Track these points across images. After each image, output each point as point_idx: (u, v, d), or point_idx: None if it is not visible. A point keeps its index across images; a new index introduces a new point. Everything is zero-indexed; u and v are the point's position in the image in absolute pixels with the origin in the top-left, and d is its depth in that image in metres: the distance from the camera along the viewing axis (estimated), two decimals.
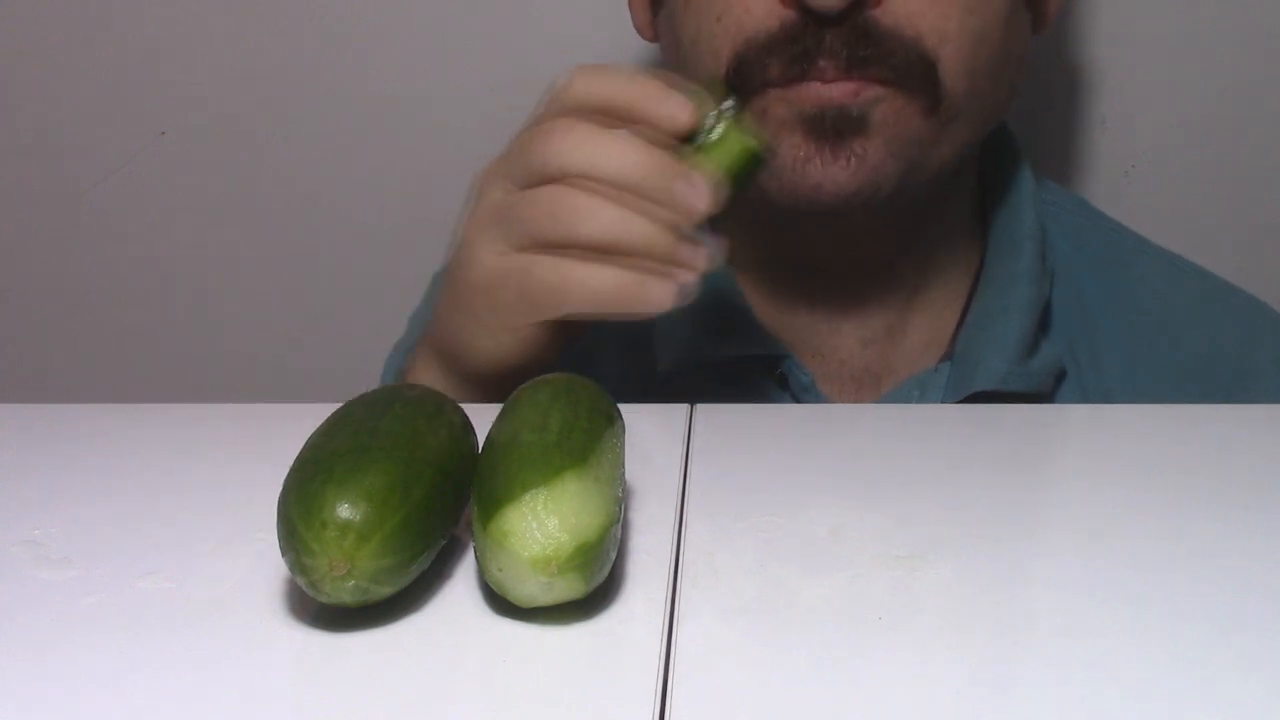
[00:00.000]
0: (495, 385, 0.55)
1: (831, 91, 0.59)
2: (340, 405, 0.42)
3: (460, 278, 0.55)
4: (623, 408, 0.44)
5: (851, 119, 0.59)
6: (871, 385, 0.70)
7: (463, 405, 0.44)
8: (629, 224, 0.50)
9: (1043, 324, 0.68)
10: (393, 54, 0.90)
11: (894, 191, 0.62)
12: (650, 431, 0.52)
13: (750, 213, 0.65)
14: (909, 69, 0.59)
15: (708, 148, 0.52)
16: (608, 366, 0.70)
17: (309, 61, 0.91)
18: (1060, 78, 0.89)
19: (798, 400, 0.68)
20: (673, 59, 0.66)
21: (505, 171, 0.53)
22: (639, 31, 0.71)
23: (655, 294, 0.50)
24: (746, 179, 0.53)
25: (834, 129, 0.60)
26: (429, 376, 0.59)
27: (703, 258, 0.51)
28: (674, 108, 0.51)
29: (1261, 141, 0.90)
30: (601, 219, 0.49)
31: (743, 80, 0.60)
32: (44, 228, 0.96)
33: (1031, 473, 0.50)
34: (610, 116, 0.51)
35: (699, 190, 0.50)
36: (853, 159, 0.60)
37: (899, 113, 0.60)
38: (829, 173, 0.60)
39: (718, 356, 0.68)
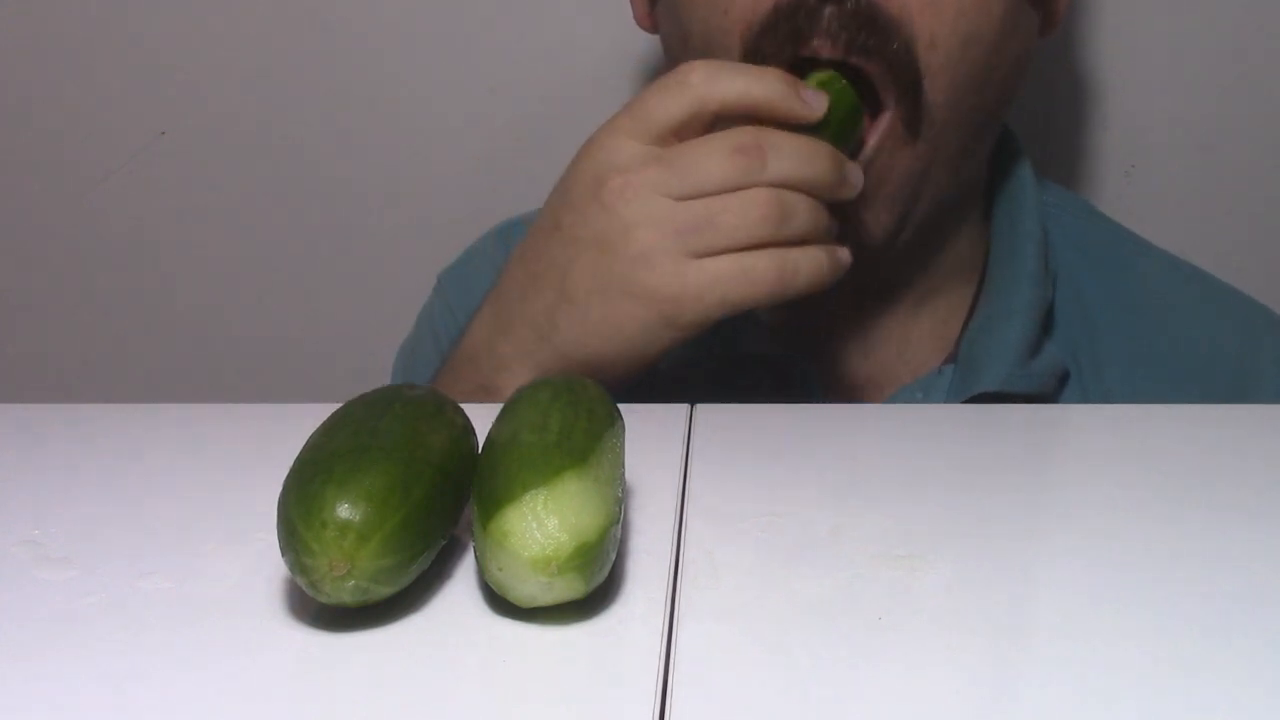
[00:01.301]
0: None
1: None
2: (340, 405, 0.42)
3: (647, 291, 0.54)
4: (623, 408, 0.44)
5: None
6: (875, 391, 0.70)
7: (463, 406, 0.44)
8: (820, 213, 0.56)
9: (1045, 326, 0.68)
10: (393, 54, 0.90)
11: (894, 230, 0.62)
12: (650, 431, 0.52)
13: None
14: (899, 72, 0.59)
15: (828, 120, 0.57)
16: None
17: (309, 61, 0.91)
18: (1062, 78, 0.89)
19: (800, 401, 0.68)
20: (677, 51, 0.66)
21: (669, 185, 0.54)
22: (638, 22, 0.71)
23: (844, 260, 0.57)
24: (852, 136, 0.59)
25: None
26: None
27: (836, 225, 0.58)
28: (814, 103, 0.56)
29: (1261, 141, 0.90)
30: (804, 215, 0.54)
31: None
32: (44, 228, 0.96)
33: (1031, 473, 0.50)
34: (749, 114, 0.55)
35: (859, 173, 0.57)
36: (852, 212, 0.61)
37: (891, 155, 0.60)
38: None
39: (721, 355, 0.68)
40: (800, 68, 0.59)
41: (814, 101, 0.56)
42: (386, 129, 0.92)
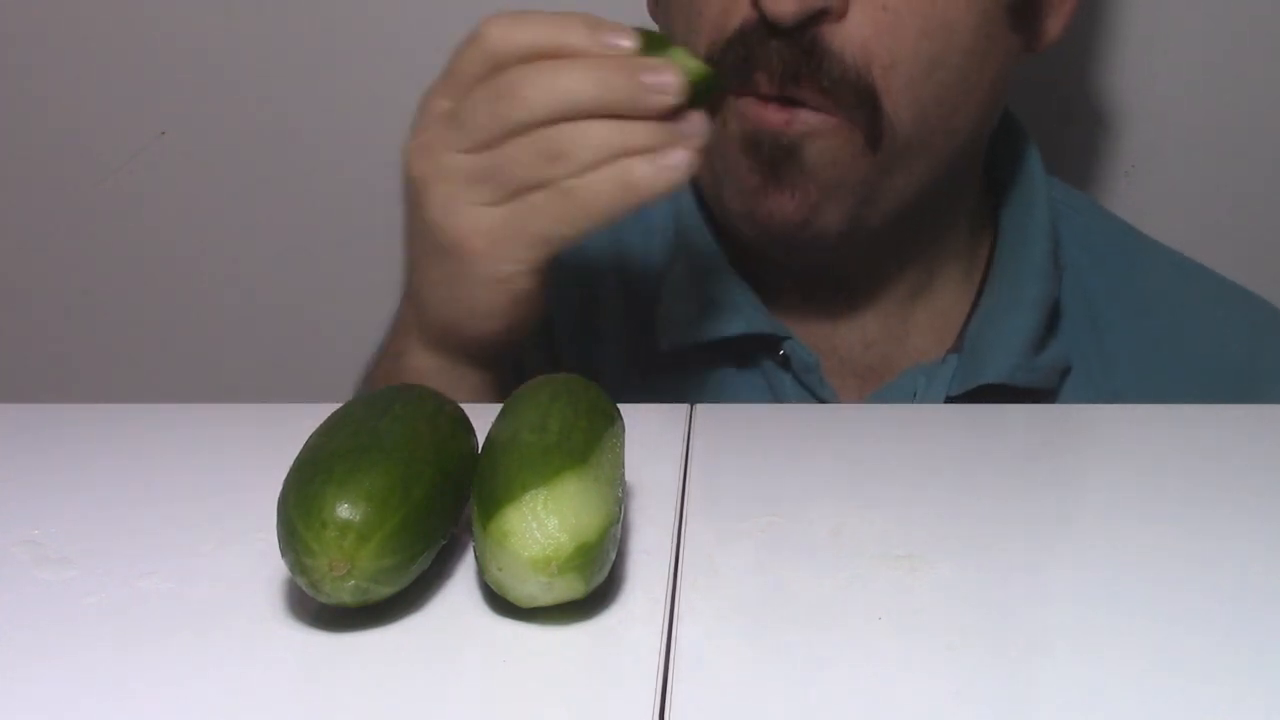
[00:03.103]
0: (494, 359, 0.57)
1: (765, 114, 0.60)
2: (340, 405, 0.42)
3: (455, 245, 0.53)
4: (623, 408, 0.44)
5: (783, 148, 0.60)
6: (876, 377, 0.70)
7: (463, 405, 0.44)
8: (622, 130, 0.50)
9: (1050, 321, 0.68)
10: (394, 53, 0.90)
11: (846, 229, 0.62)
12: (650, 431, 0.52)
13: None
14: (844, 97, 0.58)
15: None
16: (612, 346, 0.70)
17: (309, 61, 0.91)
18: (1061, 78, 0.89)
19: (800, 382, 0.68)
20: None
21: (455, 140, 0.52)
22: (650, 14, 0.71)
23: (673, 162, 0.50)
24: (705, 94, 0.52)
25: (770, 158, 0.60)
26: (427, 367, 0.58)
27: (697, 124, 0.51)
28: (613, 39, 0.51)
29: (1261, 141, 0.90)
30: (594, 139, 0.50)
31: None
32: (44, 228, 0.96)
33: (1031, 473, 0.50)
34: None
35: (664, 72, 0.50)
36: (796, 192, 0.60)
37: (836, 152, 0.60)
38: (777, 203, 0.61)
39: (720, 336, 0.68)
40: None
41: (620, 39, 0.51)
42: (387, 129, 0.91)
